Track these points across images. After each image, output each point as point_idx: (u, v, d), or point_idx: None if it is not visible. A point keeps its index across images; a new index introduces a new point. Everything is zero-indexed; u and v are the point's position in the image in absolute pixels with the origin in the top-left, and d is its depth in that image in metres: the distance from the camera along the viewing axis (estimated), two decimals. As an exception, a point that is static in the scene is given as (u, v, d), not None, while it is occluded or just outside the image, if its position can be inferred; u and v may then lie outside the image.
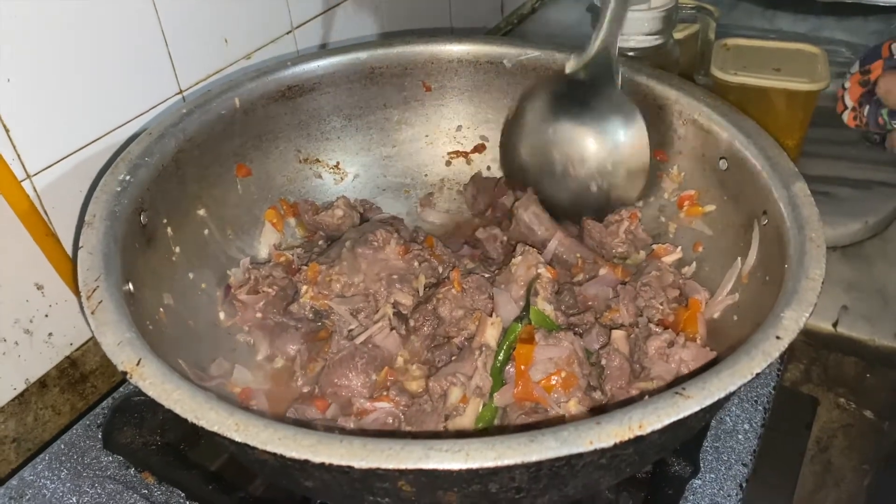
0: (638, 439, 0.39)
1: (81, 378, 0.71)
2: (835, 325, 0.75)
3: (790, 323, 0.45)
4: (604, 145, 0.70)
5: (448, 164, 0.82)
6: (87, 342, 0.71)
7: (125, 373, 0.43)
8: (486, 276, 0.64)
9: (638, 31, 0.82)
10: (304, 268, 0.65)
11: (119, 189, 0.57)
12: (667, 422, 0.39)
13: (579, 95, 0.71)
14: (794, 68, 0.89)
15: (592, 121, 0.70)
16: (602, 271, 0.65)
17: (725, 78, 0.90)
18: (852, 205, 0.80)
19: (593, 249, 0.70)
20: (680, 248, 0.69)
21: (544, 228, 0.71)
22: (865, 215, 0.82)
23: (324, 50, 0.76)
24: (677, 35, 0.91)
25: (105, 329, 0.46)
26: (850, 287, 0.78)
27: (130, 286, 0.53)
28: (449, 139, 0.82)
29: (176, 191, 0.64)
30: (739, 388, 0.41)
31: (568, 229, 0.72)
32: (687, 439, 0.59)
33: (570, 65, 0.71)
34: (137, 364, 0.44)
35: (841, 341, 0.75)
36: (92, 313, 0.47)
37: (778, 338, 0.43)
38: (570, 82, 0.71)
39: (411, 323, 0.63)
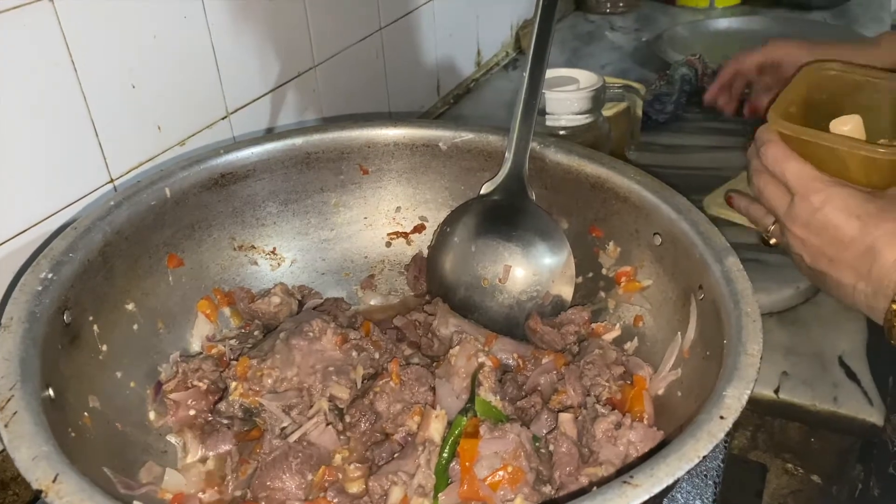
0: (588, 535, 0.38)
1: (2, 486, 0.66)
2: (776, 391, 0.75)
3: (732, 402, 0.44)
4: (528, 261, 0.72)
5: (388, 245, 0.82)
6: (6, 448, 0.66)
7: (40, 491, 0.40)
8: (425, 364, 0.62)
9: (568, 110, 0.84)
10: (234, 362, 0.63)
11: (40, 288, 0.54)
12: (616, 514, 0.38)
13: (498, 213, 0.73)
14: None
15: (515, 237, 0.72)
16: (545, 360, 0.64)
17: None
18: (782, 271, 0.81)
19: (534, 343, 0.69)
20: (618, 325, 0.69)
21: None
22: (796, 281, 0.83)
23: (257, 137, 0.75)
24: (606, 112, 0.94)
25: (19, 443, 0.43)
26: (789, 352, 0.79)
27: (51, 392, 0.50)
28: (388, 220, 0.81)
29: (103, 286, 0.61)
30: (687, 472, 0.41)
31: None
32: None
33: (485, 187, 0.74)
34: (54, 481, 0.41)
35: (783, 407, 0.75)
36: (5, 426, 0.44)
37: (722, 417, 0.43)
38: (488, 202, 0.74)
39: (347, 419, 0.60)
